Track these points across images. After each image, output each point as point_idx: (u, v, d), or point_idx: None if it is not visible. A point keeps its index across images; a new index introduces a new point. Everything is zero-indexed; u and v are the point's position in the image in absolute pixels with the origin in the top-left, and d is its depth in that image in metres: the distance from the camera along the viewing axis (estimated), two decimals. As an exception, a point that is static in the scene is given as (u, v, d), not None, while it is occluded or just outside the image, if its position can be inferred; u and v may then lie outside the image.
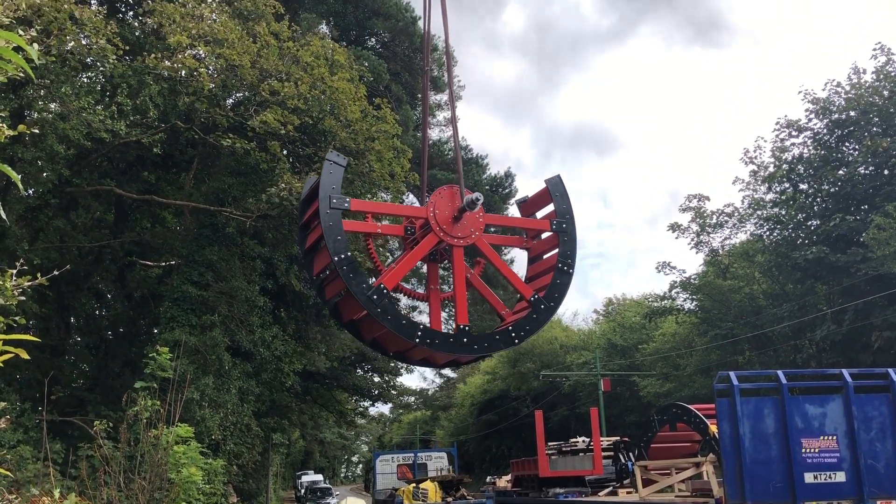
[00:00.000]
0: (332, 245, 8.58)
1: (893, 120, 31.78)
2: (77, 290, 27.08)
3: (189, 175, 25.55)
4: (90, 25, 16.86)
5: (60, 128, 17.49)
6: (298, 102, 20.89)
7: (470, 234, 9.40)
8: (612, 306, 66.88)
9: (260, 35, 21.38)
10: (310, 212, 9.36)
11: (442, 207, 9.29)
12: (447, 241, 9.31)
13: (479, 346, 9.19)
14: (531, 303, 9.51)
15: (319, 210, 8.74)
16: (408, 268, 9.42)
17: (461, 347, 8.90)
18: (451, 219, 9.28)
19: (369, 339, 9.58)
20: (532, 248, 10.68)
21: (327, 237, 8.61)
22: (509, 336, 9.30)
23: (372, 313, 8.53)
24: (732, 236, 39.43)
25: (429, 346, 8.76)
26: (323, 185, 8.82)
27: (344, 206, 8.86)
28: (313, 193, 9.29)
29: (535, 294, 9.62)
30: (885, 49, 32.36)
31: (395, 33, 35.49)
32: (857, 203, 32.38)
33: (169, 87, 19.95)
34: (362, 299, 8.52)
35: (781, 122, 35.14)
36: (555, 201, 10.17)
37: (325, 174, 8.92)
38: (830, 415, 11.69)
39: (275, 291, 27.01)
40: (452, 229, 9.28)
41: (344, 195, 8.96)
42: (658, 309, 43.63)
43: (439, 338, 8.88)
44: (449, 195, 9.40)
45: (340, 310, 9.45)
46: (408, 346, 9.34)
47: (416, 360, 10.03)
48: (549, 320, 9.57)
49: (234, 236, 23.61)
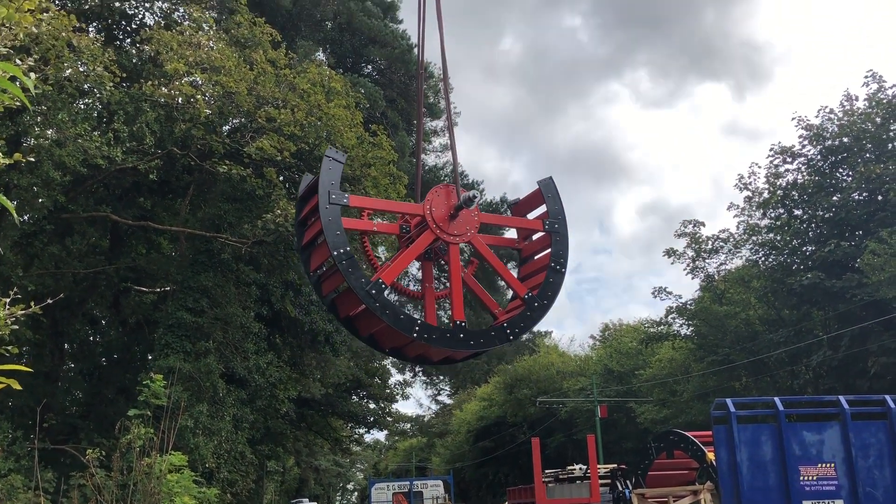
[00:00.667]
0: (332, 239, 8.55)
1: (886, 146, 32.00)
2: (71, 317, 26.98)
3: (185, 201, 25.59)
4: (88, 53, 16.95)
5: (57, 154, 17.51)
6: (295, 129, 20.98)
7: (466, 231, 9.43)
8: (609, 332, 66.78)
9: (257, 62, 21.52)
10: (307, 208, 9.33)
11: (438, 205, 9.32)
12: (443, 239, 9.33)
13: (475, 342, 9.16)
14: (525, 300, 9.51)
15: (318, 205, 8.70)
16: (405, 264, 9.42)
17: (458, 343, 8.89)
18: (448, 216, 9.31)
19: (366, 335, 9.51)
20: (524, 248, 10.69)
21: (327, 232, 8.57)
22: (504, 332, 9.29)
23: (370, 307, 8.47)
24: (728, 262, 39.52)
25: (426, 341, 8.69)
26: (322, 180, 8.79)
27: (343, 202, 8.86)
28: (311, 190, 9.30)
29: (528, 292, 9.63)
30: (877, 76, 32.68)
31: (391, 60, 35.75)
32: (852, 229, 32.49)
33: (165, 114, 20.03)
34: (361, 294, 8.46)
35: (775, 149, 35.37)
36: (547, 202, 10.22)
37: (324, 170, 8.90)
38: (828, 442, 11.65)
39: (270, 317, 26.93)
40: (448, 227, 9.30)
41: (342, 192, 8.94)
42: (654, 335, 43.55)
43: (436, 333, 8.85)
44: (445, 193, 9.41)
45: (337, 306, 9.42)
46: (404, 342, 9.41)
47: (412, 356, 10.01)
48: (542, 318, 9.54)
49: (229, 262, 23.57)
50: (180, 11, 23.63)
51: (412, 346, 9.44)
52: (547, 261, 10.05)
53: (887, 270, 27.15)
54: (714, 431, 11.82)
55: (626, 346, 55.09)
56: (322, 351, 29.96)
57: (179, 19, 23.64)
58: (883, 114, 31.85)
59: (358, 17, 34.11)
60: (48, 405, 22.46)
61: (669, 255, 39.78)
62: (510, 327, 9.35)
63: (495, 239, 10.70)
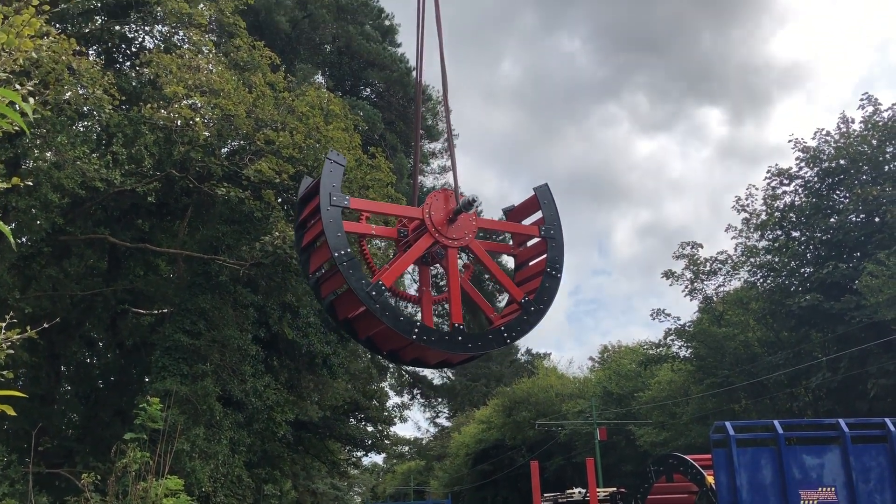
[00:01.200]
0: (333, 241, 8.58)
1: (883, 168, 32.14)
2: (68, 339, 26.88)
3: (183, 223, 25.60)
4: (87, 76, 17.03)
5: (55, 177, 17.54)
6: (293, 151, 21.04)
7: (464, 236, 9.49)
8: (608, 353, 66.58)
9: (256, 85, 21.63)
10: (307, 210, 9.38)
11: (437, 209, 9.39)
12: (442, 242, 9.37)
13: (473, 345, 9.21)
14: (522, 305, 9.60)
15: (320, 206, 8.74)
16: (404, 267, 9.50)
17: (456, 345, 8.95)
18: (446, 221, 9.38)
19: (364, 337, 9.54)
20: (518, 254, 10.81)
21: (328, 233, 8.61)
22: (501, 336, 9.37)
23: (371, 309, 8.49)
24: (726, 283, 39.50)
25: (425, 343, 8.74)
26: (323, 182, 8.86)
27: (344, 204, 8.88)
28: (311, 191, 9.35)
29: (525, 296, 9.70)
30: (873, 99, 32.91)
31: (389, 83, 35.95)
32: (850, 250, 32.53)
33: (164, 137, 20.09)
34: (361, 295, 8.48)
35: (772, 171, 35.51)
36: (543, 208, 10.33)
37: (326, 172, 8.98)
38: (828, 465, 11.58)
39: (267, 340, 26.84)
40: (447, 231, 9.36)
41: (343, 194, 8.97)
42: (653, 357, 43.44)
43: (435, 335, 8.90)
44: (443, 198, 9.50)
45: (336, 308, 9.45)
46: (402, 345, 9.39)
47: (408, 360, 10.02)
48: (538, 322, 9.63)
49: (227, 284, 23.53)
50: (180, 35, 23.76)
51: (410, 348, 9.46)
52: (542, 266, 10.16)
53: (885, 292, 27.15)
54: (713, 455, 11.75)
55: (625, 368, 54.92)
56: (320, 373, 29.83)
57: (179, 43, 23.78)
58: (879, 136, 32.02)
59: (357, 41, 34.34)
60: (44, 428, 22.32)
61: (668, 277, 39.78)
62: (507, 331, 9.41)
63: (491, 245, 10.82)
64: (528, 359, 76.74)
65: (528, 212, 10.61)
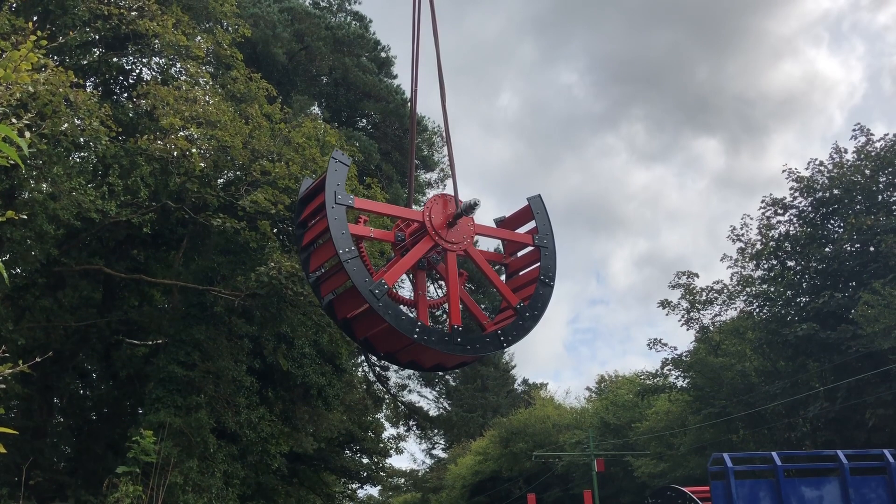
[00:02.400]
0: (338, 238, 8.67)
1: (876, 198, 32.31)
2: (61, 370, 26.67)
3: (178, 253, 25.58)
4: (84, 108, 17.09)
5: (51, 208, 17.54)
6: (289, 182, 21.09)
7: (462, 240, 9.69)
8: (605, 383, 66.28)
9: (252, 117, 21.75)
10: (308, 209, 9.48)
11: (436, 213, 9.58)
12: (442, 246, 9.54)
13: (472, 347, 9.32)
14: (518, 310, 9.77)
15: (325, 203, 8.84)
16: (405, 268, 9.50)
17: (455, 347, 9.09)
18: (446, 224, 9.56)
19: (361, 338, 9.63)
20: (510, 264, 11.00)
21: (333, 231, 8.70)
22: (498, 339, 9.53)
23: (374, 307, 8.57)
24: (722, 313, 39.46)
25: (425, 343, 8.85)
26: (329, 180, 8.97)
27: (348, 203, 9.02)
28: (313, 191, 9.49)
29: (520, 302, 9.89)
30: (865, 130, 33.20)
31: (385, 114, 36.16)
32: (845, 280, 32.57)
33: (160, 168, 20.13)
34: (365, 293, 8.57)
35: (767, 200, 35.66)
36: (536, 218, 10.59)
37: (331, 171, 9.06)
38: (827, 497, 11.47)
39: (262, 371, 26.67)
40: (447, 234, 9.55)
41: (347, 194, 9.08)
42: (650, 387, 43.26)
43: (435, 335, 9.01)
44: (442, 202, 9.69)
45: (335, 308, 9.51)
46: (400, 346, 9.49)
47: (404, 362, 10.07)
48: (533, 329, 9.82)
49: (221, 315, 23.45)
50: (177, 67, 23.93)
51: (407, 350, 9.56)
52: (534, 275, 10.37)
53: (882, 322, 27.14)
54: (711, 487, 11.64)
55: (623, 398, 54.67)
56: (315, 405, 29.62)
57: (176, 74, 23.94)
58: (872, 166, 32.24)
59: (353, 73, 34.60)
60: (35, 462, 22.06)
61: (664, 307, 39.75)
62: (504, 335, 9.53)
63: (483, 253, 10.95)
64: (524, 389, 76.38)
65: (521, 222, 10.79)
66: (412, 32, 10.73)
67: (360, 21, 37.52)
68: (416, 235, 9.73)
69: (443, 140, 37.40)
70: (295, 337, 25.67)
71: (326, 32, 34.12)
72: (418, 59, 10.69)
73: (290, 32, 32.80)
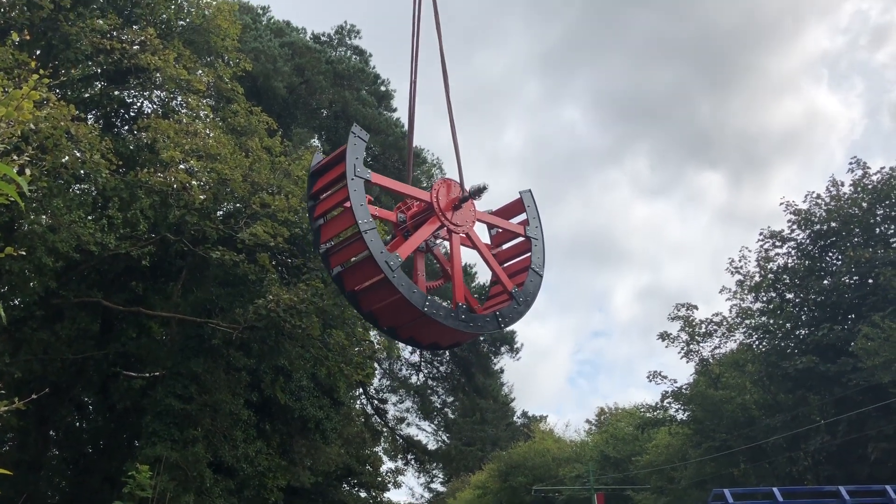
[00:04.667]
0: (358, 209, 9.02)
1: (874, 231, 32.36)
2: (58, 403, 26.50)
3: (177, 285, 25.53)
4: (85, 141, 17.19)
5: (50, 240, 17.56)
6: (289, 214, 21.16)
7: (465, 223, 10.18)
8: (605, 416, 65.83)
9: (252, 150, 21.87)
10: (322, 182, 9.88)
11: (443, 196, 10.06)
12: (448, 227, 10.01)
13: (474, 324, 9.79)
14: (513, 295, 10.32)
15: (346, 174, 9.22)
16: (415, 245, 9.97)
17: (459, 323, 9.56)
18: (452, 207, 10.06)
19: (367, 310, 9.99)
20: (498, 255, 11.46)
21: (354, 201, 9.04)
22: (497, 320, 10.03)
23: (389, 277, 8.94)
24: (722, 345, 39.30)
25: (433, 317, 9.26)
26: (349, 153, 9.35)
27: (366, 176, 9.39)
28: (326, 165, 9.90)
29: (515, 287, 10.45)
30: (861, 163, 33.37)
31: (385, 147, 36.38)
32: (844, 312, 32.49)
33: (160, 200, 20.20)
34: (381, 263, 8.97)
35: (765, 233, 35.71)
36: (528, 211, 11.24)
37: (350, 145, 9.43)
38: (830, 535, 11.34)
39: (259, 404, 26.51)
40: (452, 217, 10.04)
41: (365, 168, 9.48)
42: (650, 420, 42.94)
43: (443, 311, 9.43)
44: (447, 186, 10.20)
45: (343, 279, 9.86)
46: (404, 321, 9.89)
47: (405, 338, 10.54)
48: (526, 313, 10.45)
49: (219, 348, 23.36)
50: (178, 100, 24.13)
51: (409, 326, 10.00)
52: (523, 265, 11.01)
53: (882, 355, 27.03)
54: (713, 524, 11.52)
55: (623, 431, 54.27)
56: (312, 438, 29.39)
57: (177, 107, 24.12)
58: (869, 199, 32.34)
59: (353, 106, 34.88)
60: (30, 496, 21.84)
61: (664, 339, 39.60)
62: (502, 317, 10.04)
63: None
64: (524, 422, 75.83)
65: (511, 214, 11.39)
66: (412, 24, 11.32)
67: (360, 55, 37.93)
68: (417, 218, 10.17)
69: (442, 173, 37.61)
70: (293, 370, 25.57)
71: (327, 66, 34.45)
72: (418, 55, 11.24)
73: (291, 66, 33.11)
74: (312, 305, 21.32)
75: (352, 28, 38.59)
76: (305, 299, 21.00)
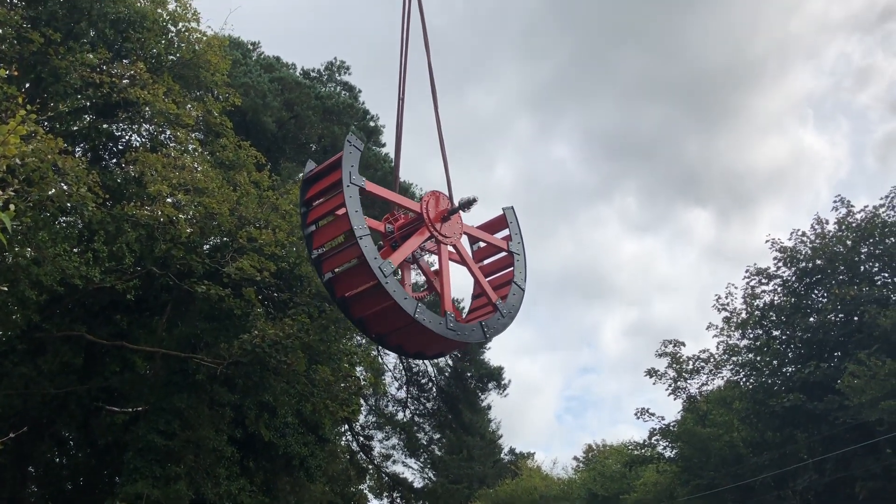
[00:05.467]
0: (354, 216, 9.21)
1: (859, 268, 32.62)
2: (38, 438, 26.06)
3: (162, 319, 25.31)
4: (72, 174, 17.14)
5: (34, 273, 17.41)
6: (275, 249, 21.10)
7: (453, 235, 10.45)
8: (592, 453, 65.34)
9: (240, 184, 21.86)
10: (315, 189, 10.04)
11: (432, 207, 10.34)
12: (437, 238, 10.26)
13: (461, 333, 9.98)
14: (497, 307, 10.58)
15: (342, 182, 9.39)
16: (406, 254, 10.21)
17: (448, 331, 9.75)
18: (440, 219, 10.32)
19: (357, 317, 10.13)
20: (480, 269, 11.66)
21: (350, 208, 9.23)
22: (482, 331, 10.28)
23: (382, 283, 9.13)
24: (710, 382, 39.24)
25: (424, 323, 9.46)
26: (345, 161, 9.56)
27: (361, 184, 9.63)
28: (322, 172, 10.08)
29: (499, 299, 10.72)
30: (845, 201, 33.75)
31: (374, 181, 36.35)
32: (831, 350, 32.59)
33: (146, 234, 20.10)
34: (375, 269, 9.14)
35: (751, 270, 35.92)
36: (510, 227, 11.56)
37: (346, 154, 9.66)
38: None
39: (243, 441, 26.15)
40: (441, 228, 10.30)
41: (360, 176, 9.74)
42: (638, 458, 42.67)
43: (432, 318, 9.62)
44: (436, 199, 10.48)
45: (334, 285, 9.99)
46: (393, 328, 10.04)
47: (392, 345, 10.76)
48: (509, 326, 10.67)
49: (203, 383, 23.11)
50: (167, 133, 24.14)
51: (397, 334, 10.17)
52: (504, 279, 11.27)
53: (868, 393, 27.08)
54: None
55: (610, 468, 53.89)
56: (297, 476, 28.95)
57: (165, 141, 24.13)
58: (853, 237, 32.64)
59: (342, 141, 34.92)
60: (6, 534, 21.37)
61: (651, 376, 39.51)
62: (487, 327, 10.30)
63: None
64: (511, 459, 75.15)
65: (494, 229, 11.70)
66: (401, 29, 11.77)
67: (349, 91, 38.18)
68: (405, 229, 10.43)
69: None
70: (277, 406, 25.29)
71: (316, 102, 34.65)
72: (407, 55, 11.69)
73: (280, 101, 33.27)
74: (298, 340, 21.18)
75: (341, 64, 38.88)
76: (291, 334, 20.87)
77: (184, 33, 23.61)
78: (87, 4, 21.55)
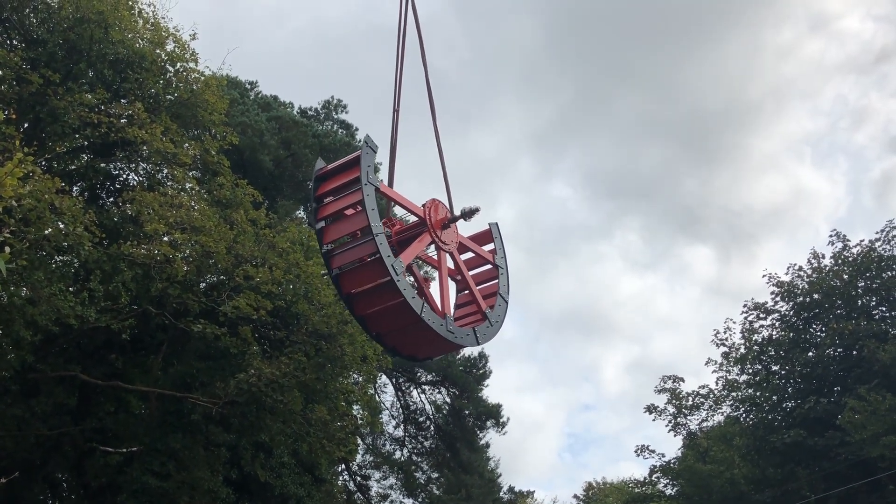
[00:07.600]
0: (371, 213, 9.49)
1: (856, 303, 32.62)
2: (30, 481, 25.63)
3: (157, 359, 25.08)
4: (69, 214, 17.11)
5: (29, 313, 17.28)
6: (272, 287, 21.00)
7: (451, 242, 10.85)
8: (593, 490, 64.64)
9: (237, 222, 21.84)
10: (329, 185, 10.28)
11: (433, 214, 10.66)
12: (437, 243, 10.62)
13: (457, 336, 10.29)
14: (486, 315, 11.00)
15: (360, 180, 9.68)
16: (412, 256, 10.40)
17: (447, 333, 10.05)
18: (441, 226, 10.68)
19: (360, 314, 10.34)
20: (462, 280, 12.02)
21: (368, 205, 9.51)
22: (475, 336, 10.62)
23: (394, 279, 9.37)
24: (710, 418, 39.00)
25: (427, 323, 9.71)
26: (363, 160, 9.82)
27: (377, 184, 9.92)
28: (336, 169, 10.32)
29: (488, 308, 11.14)
30: (841, 236, 33.90)
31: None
32: (830, 385, 32.46)
33: (143, 273, 20.01)
34: (389, 266, 9.38)
35: (749, 305, 35.91)
36: (495, 242, 12.04)
37: (364, 154, 9.93)
38: None
39: (238, 482, 25.80)
40: (441, 235, 10.66)
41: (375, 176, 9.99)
42: (639, 496, 42.22)
43: (435, 319, 9.90)
44: (436, 207, 10.77)
45: (341, 282, 10.20)
46: (393, 328, 10.28)
47: (389, 346, 10.97)
48: (496, 334, 11.11)
49: (199, 423, 22.85)
50: (164, 172, 24.18)
51: (395, 334, 10.44)
52: (488, 291, 11.70)
53: (869, 428, 26.89)
54: None
55: (611, 507, 53.29)
56: (293, 516, 28.53)
57: (163, 180, 24.16)
58: (850, 272, 32.69)
59: (338, 178, 35.11)
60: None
61: (651, 412, 39.30)
62: (479, 333, 10.66)
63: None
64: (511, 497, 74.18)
65: (479, 243, 12.06)
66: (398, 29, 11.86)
67: (346, 129, 38.40)
68: (402, 234, 10.73)
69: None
70: (274, 446, 25.00)
71: (313, 140, 34.83)
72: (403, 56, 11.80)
73: (278, 140, 33.44)
74: (294, 379, 20.99)
75: (338, 103, 39.15)
76: (288, 373, 20.68)
77: (182, 73, 23.79)
78: (87, 45, 21.71)
